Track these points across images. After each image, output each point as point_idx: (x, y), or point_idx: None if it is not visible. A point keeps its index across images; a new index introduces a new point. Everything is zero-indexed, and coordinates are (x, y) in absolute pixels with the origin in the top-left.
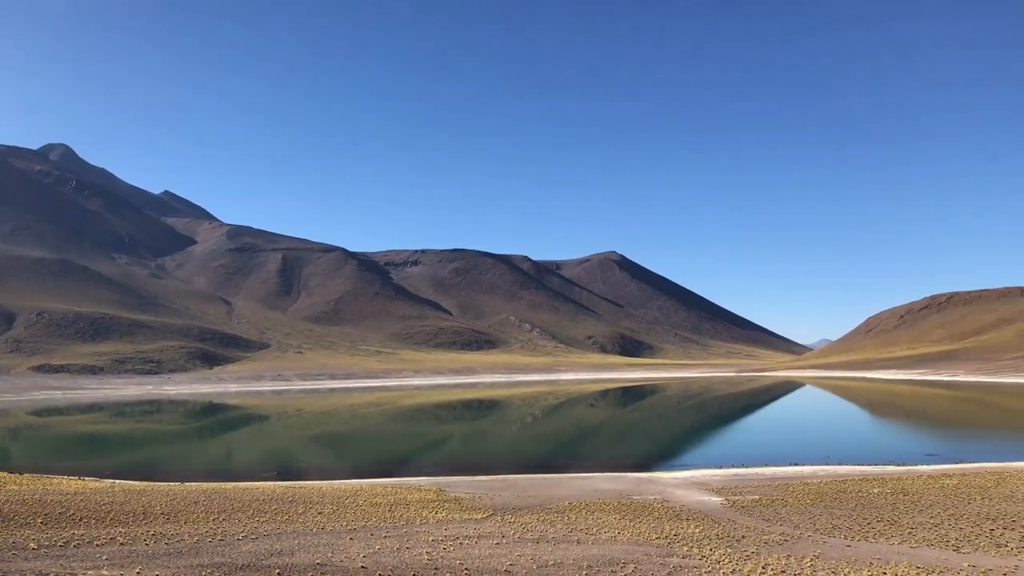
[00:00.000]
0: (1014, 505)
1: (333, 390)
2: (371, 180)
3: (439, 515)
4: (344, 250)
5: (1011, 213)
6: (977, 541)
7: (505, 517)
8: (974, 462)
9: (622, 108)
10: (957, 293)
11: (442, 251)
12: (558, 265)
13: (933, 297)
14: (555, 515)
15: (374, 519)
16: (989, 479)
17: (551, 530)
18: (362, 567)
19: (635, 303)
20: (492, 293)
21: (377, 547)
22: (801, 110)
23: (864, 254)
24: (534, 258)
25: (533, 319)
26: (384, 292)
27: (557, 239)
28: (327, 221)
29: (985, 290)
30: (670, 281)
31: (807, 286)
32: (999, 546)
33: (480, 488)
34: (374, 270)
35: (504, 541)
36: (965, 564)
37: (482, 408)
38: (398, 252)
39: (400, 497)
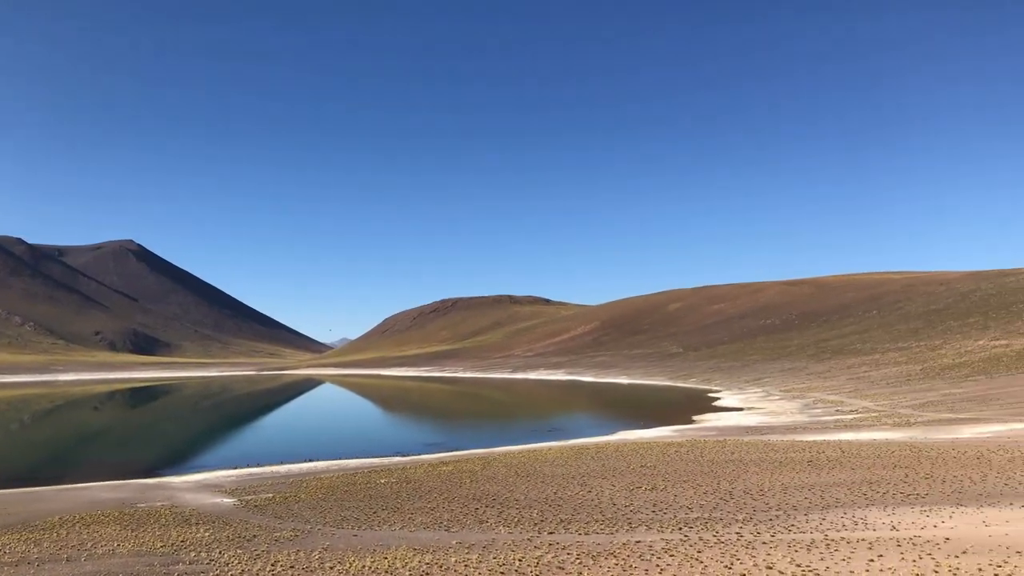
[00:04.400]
0: (495, 486)
1: None
2: None
3: None
4: None
5: (485, 232)
6: (465, 520)
7: None
8: (467, 449)
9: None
10: (461, 299)
11: None
12: (62, 251)
13: (442, 302)
14: (41, 532)
15: None
16: (478, 464)
17: (35, 550)
18: None
19: (153, 297)
20: None
21: None
22: (343, 113)
23: (383, 257)
24: (30, 241)
25: (26, 311)
26: None
27: (61, 221)
28: None
29: (483, 297)
30: (193, 276)
31: (331, 285)
32: (481, 522)
33: None
34: None
35: None
36: (454, 541)
37: None
38: None
39: None
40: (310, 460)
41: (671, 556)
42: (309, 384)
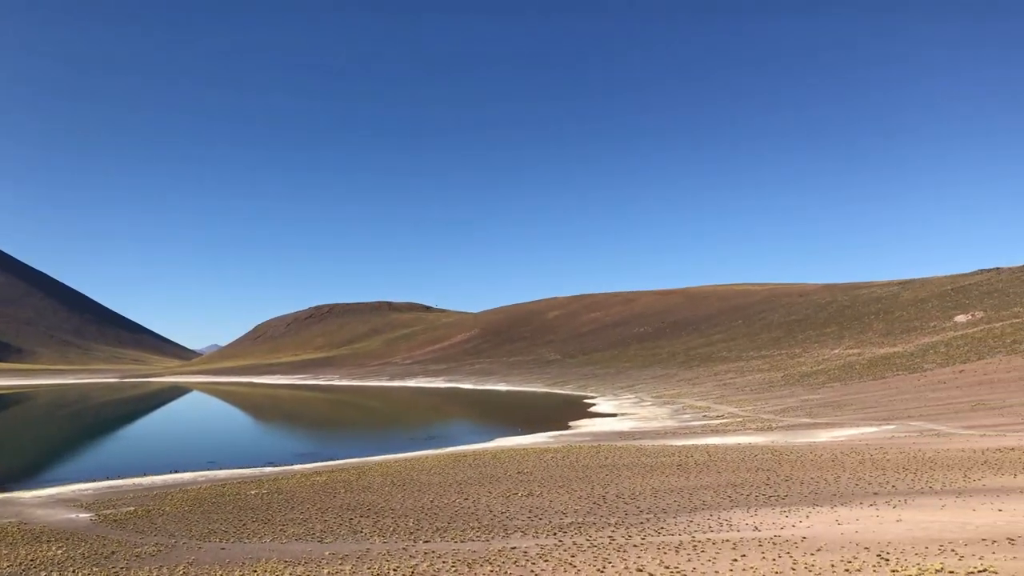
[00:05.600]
0: (371, 495)
1: None
2: None
3: None
4: None
5: (364, 236)
6: (339, 531)
7: None
8: (342, 459)
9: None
10: (337, 304)
11: None
12: None
13: (317, 308)
14: None
15: None
16: (353, 473)
17: None
18: None
19: (3, 300)
20: None
21: None
22: (213, 106)
23: (256, 259)
24: None
25: None
26: None
27: None
28: None
29: (360, 303)
30: (50, 278)
31: (201, 290)
32: (356, 532)
33: None
34: None
35: None
36: (327, 552)
37: None
38: None
39: None
40: (176, 471)
41: (545, 561)
42: (176, 392)
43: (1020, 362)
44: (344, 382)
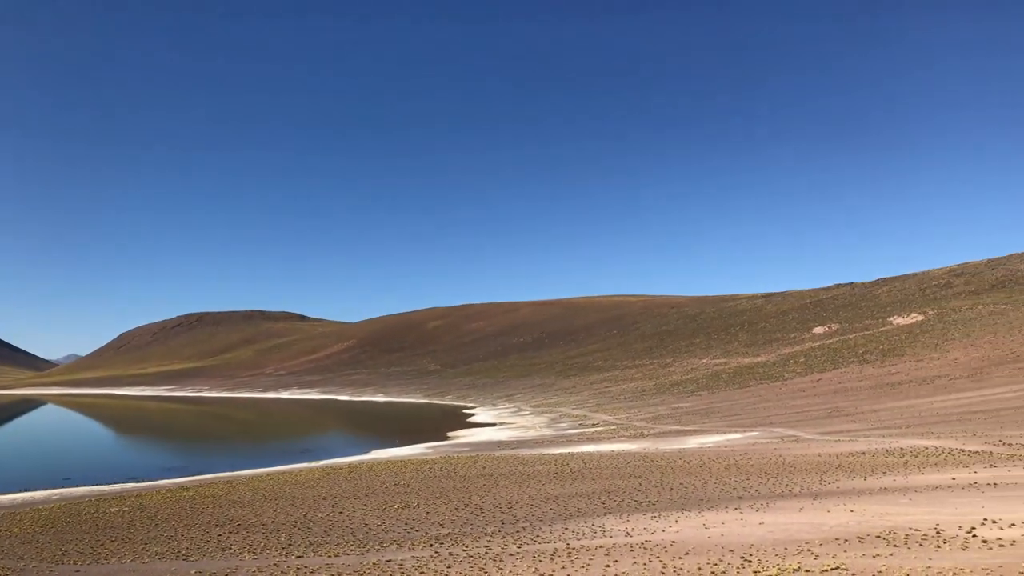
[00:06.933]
0: (241, 510)
1: None
2: None
3: None
4: None
5: (235, 243)
6: (206, 548)
7: None
8: (211, 473)
9: None
10: (208, 313)
11: None
12: None
13: (186, 316)
14: None
15: None
16: (222, 488)
17: None
18: None
19: None
20: None
21: None
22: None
23: (120, 264)
24: None
25: None
26: None
27: None
28: None
29: (232, 312)
30: None
31: (55, 295)
32: (224, 549)
33: None
34: None
35: None
36: (192, 571)
37: None
38: None
39: None
40: (26, 490)
41: (421, 573)
42: (28, 405)
43: (871, 371)
44: (214, 393)
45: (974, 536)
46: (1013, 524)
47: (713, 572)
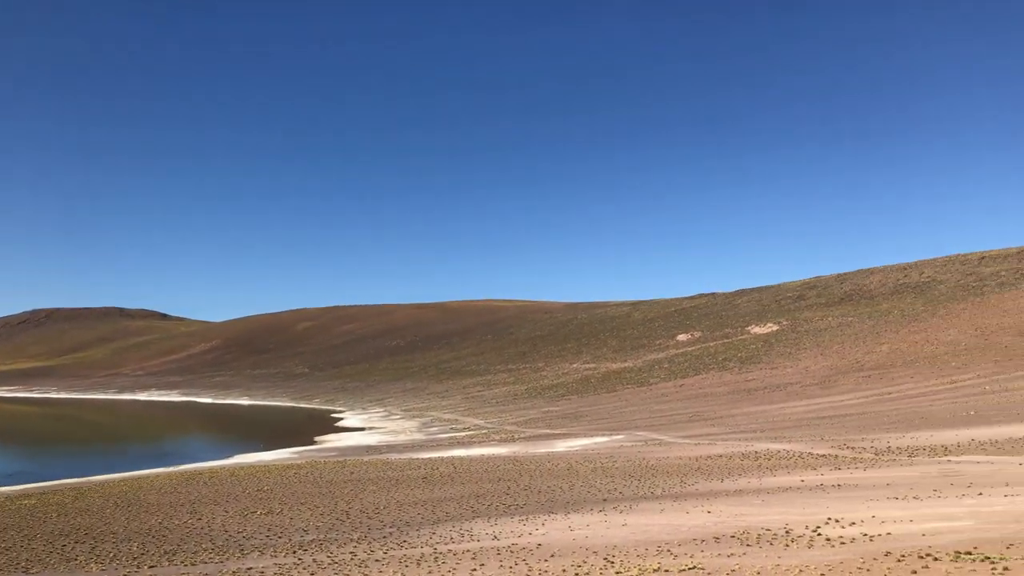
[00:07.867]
0: (89, 518)
1: None
2: None
3: None
4: None
5: (91, 233)
6: (48, 559)
7: None
8: (57, 479)
9: None
10: (58, 309)
11: None
12: None
13: (33, 312)
14: None
15: None
16: (68, 495)
17: None
18: None
19: None
20: None
21: None
22: None
23: None
24: None
25: None
26: None
27: None
28: None
29: (87, 308)
30: None
31: None
32: (69, 561)
33: None
34: None
35: None
36: None
37: None
38: None
39: None
40: None
41: None
42: None
43: (729, 377)
44: (65, 395)
45: (819, 535)
46: (854, 523)
47: (577, 574)
